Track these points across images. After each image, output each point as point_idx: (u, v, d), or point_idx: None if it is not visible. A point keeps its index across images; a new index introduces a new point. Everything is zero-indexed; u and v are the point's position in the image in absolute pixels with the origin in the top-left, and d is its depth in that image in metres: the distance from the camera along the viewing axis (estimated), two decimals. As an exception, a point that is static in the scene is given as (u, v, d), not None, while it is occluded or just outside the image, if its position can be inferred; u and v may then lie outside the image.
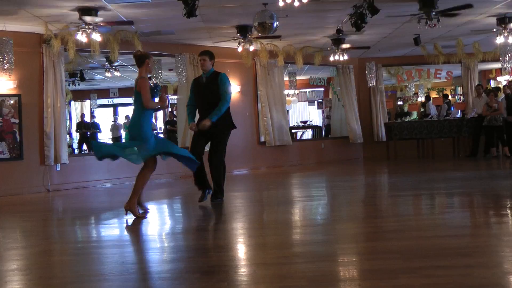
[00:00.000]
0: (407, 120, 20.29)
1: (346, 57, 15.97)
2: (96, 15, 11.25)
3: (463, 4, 11.36)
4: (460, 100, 24.08)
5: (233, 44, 14.52)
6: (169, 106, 24.93)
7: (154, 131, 20.52)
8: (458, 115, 19.00)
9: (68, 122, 16.55)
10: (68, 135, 17.94)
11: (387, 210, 8.80)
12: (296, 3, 9.76)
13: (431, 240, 5.96)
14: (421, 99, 24.40)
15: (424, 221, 7.50)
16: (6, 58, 11.88)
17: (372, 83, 19.04)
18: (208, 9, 11.35)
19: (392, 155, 18.52)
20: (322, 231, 7.14)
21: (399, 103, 25.74)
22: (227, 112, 9.51)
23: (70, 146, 16.37)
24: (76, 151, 20.89)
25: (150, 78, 9.39)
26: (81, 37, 11.58)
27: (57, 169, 13.17)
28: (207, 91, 9.34)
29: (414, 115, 22.93)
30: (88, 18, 11.21)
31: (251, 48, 14.31)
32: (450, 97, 24.13)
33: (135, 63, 8.48)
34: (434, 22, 11.81)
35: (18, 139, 12.69)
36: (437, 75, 23.96)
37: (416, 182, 11.95)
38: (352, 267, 5.16)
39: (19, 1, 10.52)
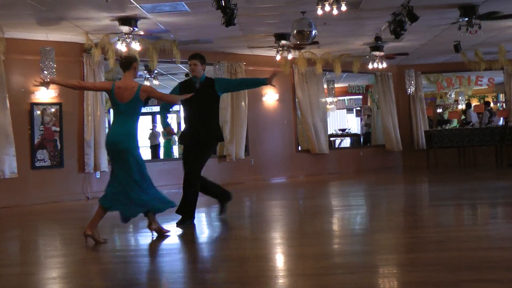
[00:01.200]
0: (447, 128, 20.05)
1: (384, 64, 15.86)
2: (135, 24, 11.36)
3: (506, 14, 11.23)
4: (503, 107, 23.73)
5: (271, 52, 14.54)
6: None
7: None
8: (501, 123, 18.72)
9: (107, 130, 16.67)
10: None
11: (428, 220, 8.69)
12: (335, 11, 9.72)
13: (475, 252, 5.85)
14: (462, 106, 24.07)
15: (466, 232, 7.37)
16: (48, 67, 12.05)
17: (411, 90, 18.85)
18: (247, 18, 11.38)
19: (432, 164, 18.33)
20: (361, 241, 7.07)
21: (439, 110, 25.44)
22: (217, 123, 9.04)
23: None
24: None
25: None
26: (121, 46, 11.69)
27: (97, 176, 13.30)
28: (202, 99, 8.50)
29: (455, 122, 22.64)
30: (127, 28, 11.32)
31: (290, 56, 14.31)
32: (492, 104, 23.77)
33: (120, 67, 7.72)
34: (475, 29, 11.67)
35: (59, 147, 12.86)
36: (478, 82, 23.66)
37: (458, 192, 11.79)
38: (393, 279, 5.10)
39: (61, 12, 10.69)
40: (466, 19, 11.51)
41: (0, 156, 11.96)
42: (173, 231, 8.11)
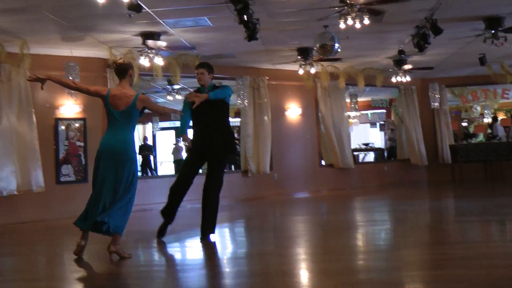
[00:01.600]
0: (473, 142, 19.87)
1: (408, 78, 15.77)
2: (158, 39, 11.42)
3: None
4: (531, 120, 23.45)
5: (293, 67, 14.53)
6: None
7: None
8: (528, 137, 18.52)
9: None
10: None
11: (454, 236, 8.60)
12: (358, 25, 9.71)
13: (503, 270, 5.76)
14: (488, 120, 23.85)
15: (494, 249, 7.28)
16: (72, 82, 12.14)
17: (436, 104, 18.73)
18: (269, 32, 11.39)
19: (457, 178, 18.18)
20: (386, 257, 7.01)
21: (464, 124, 25.23)
22: (229, 132, 8.75)
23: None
24: (139, 173, 21.12)
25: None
26: (144, 61, 11.75)
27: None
28: (210, 109, 8.34)
29: (481, 136, 22.41)
30: (150, 43, 11.38)
31: (312, 70, 14.29)
32: (520, 118, 23.53)
33: (116, 74, 7.48)
34: (501, 41, 11.57)
35: (83, 162, 12.93)
36: (505, 95, 23.43)
37: (485, 207, 11.64)
38: (420, 295, 5.05)
39: (85, 28, 10.79)
40: (492, 31, 11.42)
41: (28, 171, 12.06)
42: (197, 246, 8.11)
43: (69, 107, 12.80)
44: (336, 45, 11.31)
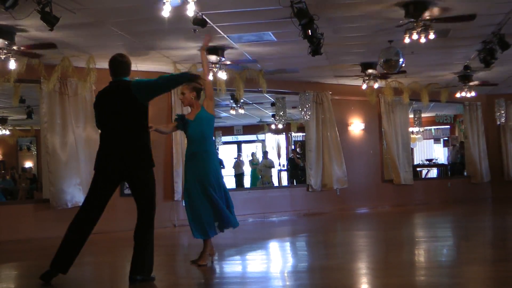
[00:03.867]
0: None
1: (473, 93, 15.53)
2: (222, 54, 11.53)
3: None
4: None
5: (357, 82, 14.48)
6: (293, 143, 25.13)
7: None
8: None
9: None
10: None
11: (519, 254, 8.41)
12: (423, 40, 9.61)
13: None
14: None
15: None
16: (137, 97, 12.36)
17: (502, 120, 18.36)
18: (333, 47, 11.38)
19: (524, 196, 17.75)
20: (449, 273, 6.87)
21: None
22: (149, 145, 6.67)
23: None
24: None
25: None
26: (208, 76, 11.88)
27: (183, 205, 13.44)
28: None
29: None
30: (215, 57, 11.50)
31: (376, 85, 14.20)
32: None
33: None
34: None
35: (146, 175, 13.10)
36: None
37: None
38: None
39: (150, 42, 10.99)
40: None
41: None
42: (258, 260, 8.11)
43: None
44: (401, 60, 11.23)
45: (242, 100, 17.37)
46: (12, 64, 10.06)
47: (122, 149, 6.36)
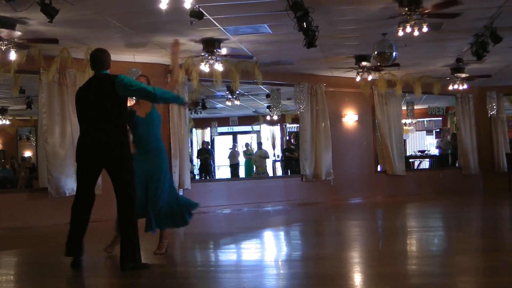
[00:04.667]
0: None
1: (465, 86, 15.55)
2: (219, 46, 11.52)
3: None
4: None
5: (351, 74, 14.48)
6: (287, 134, 25.18)
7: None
8: None
9: (189, 149, 17.04)
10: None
11: (509, 244, 8.42)
12: (416, 33, 9.61)
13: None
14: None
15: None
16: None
17: (493, 112, 18.39)
18: (327, 40, 11.37)
19: (514, 187, 17.80)
20: (440, 263, 6.91)
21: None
22: (126, 136, 6.78)
23: (191, 172, 16.76)
24: (197, 177, 21.32)
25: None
26: (204, 68, 11.87)
27: (180, 194, 13.47)
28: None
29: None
30: (211, 49, 11.50)
31: (370, 77, 14.21)
32: None
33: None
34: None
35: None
36: None
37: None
38: (475, 302, 4.98)
39: (148, 35, 10.98)
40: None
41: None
42: (253, 248, 8.13)
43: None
44: (394, 53, 11.24)
45: (237, 92, 17.39)
46: (13, 55, 10.07)
47: (99, 140, 6.47)
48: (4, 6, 8.19)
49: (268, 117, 22.59)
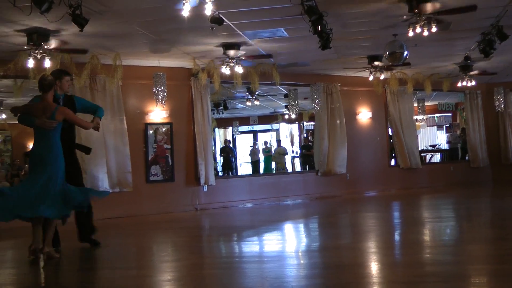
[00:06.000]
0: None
1: (474, 82, 15.45)
2: (238, 49, 11.55)
3: None
4: None
5: (364, 73, 14.44)
6: (305, 132, 25.16)
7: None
8: None
9: (213, 148, 17.09)
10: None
11: (519, 233, 8.38)
12: (425, 33, 9.57)
13: None
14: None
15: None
16: (160, 90, 12.43)
17: (501, 107, 18.24)
18: (341, 41, 11.36)
19: (521, 178, 17.65)
20: (453, 251, 6.90)
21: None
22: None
23: (215, 169, 16.83)
24: (220, 173, 21.38)
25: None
26: (225, 70, 11.89)
27: (205, 190, 13.55)
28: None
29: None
30: (231, 53, 11.53)
31: (382, 76, 14.17)
32: None
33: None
34: None
35: (170, 163, 13.20)
36: None
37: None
38: (486, 288, 4.96)
39: (171, 40, 11.03)
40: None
41: (120, 171, 12.43)
42: (274, 240, 8.15)
43: (157, 113, 13.10)
44: (405, 52, 11.20)
45: (257, 92, 17.40)
46: (47, 63, 10.22)
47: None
48: (39, 18, 8.30)
49: (286, 116, 22.55)
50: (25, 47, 10.06)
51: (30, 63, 10.15)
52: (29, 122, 7.07)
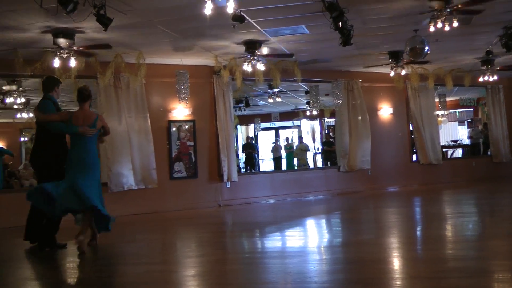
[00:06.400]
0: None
1: (495, 77, 15.26)
2: (260, 47, 11.53)
3: None
4: None
5: (385, 69, 14.34)
6: (326, 128, 25.08)
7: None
8: None
9: (235, 144, 17.07)
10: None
11: (542, 228, 8.27)
12: (447, 28, 9.47)
13: None
14: None
15: None
16: (183, 88, 12.45)
17: (523, 101, 18.02)
18: (362, 38, 11.29)
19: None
20: (475, 247, 6.84)
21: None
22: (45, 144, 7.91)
23: (237, 165, 16.83)
24: (243, 170, 21.37)
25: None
26: (247, 68, 11.86)
27: (227, 186, 13.56)
28: None
29: None
30: (252, 50, 11.50)
31: (403, 72, 14.05)
32: None
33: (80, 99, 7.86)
34: None
35: (193, 160, 13.23)
36: None
37: None
38: (509, 284, 4.89)
39: (194, 39, 11.04)
40: None
41: (145, 168, 12.49)
42: (297, 236, 8.12)
43: (180, 110, 13.13)
44: (426, 48, 11.09)
45: (278, 89, 17.35)
46: (73, 62, 10.33)
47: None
48: (64, 18, 8.36)
49: (307, 113, 22.50)
50: (51, 47, 10.14)
51: (56, 62, 10.23)
52: (68, 130, 7.64)
